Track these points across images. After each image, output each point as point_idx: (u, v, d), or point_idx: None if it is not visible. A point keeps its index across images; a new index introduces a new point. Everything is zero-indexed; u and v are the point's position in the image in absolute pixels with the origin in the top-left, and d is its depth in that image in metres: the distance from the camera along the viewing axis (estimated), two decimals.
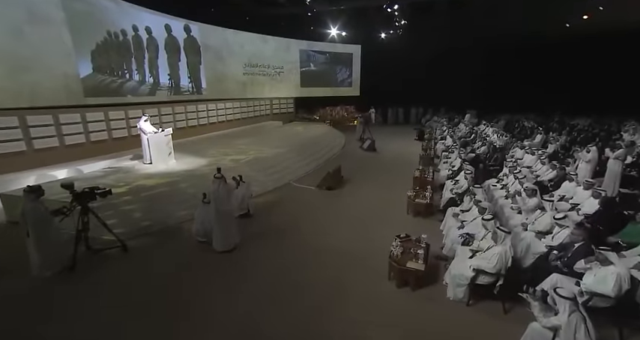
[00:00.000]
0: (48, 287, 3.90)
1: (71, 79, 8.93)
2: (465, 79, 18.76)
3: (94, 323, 3.36)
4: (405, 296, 3.81)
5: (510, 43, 17.42)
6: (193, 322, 3.40)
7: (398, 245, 4.11)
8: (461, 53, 18.58)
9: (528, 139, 11.61)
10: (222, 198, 4.49)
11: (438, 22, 17.10)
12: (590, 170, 6.76)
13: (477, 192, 5.07)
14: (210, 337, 3.21)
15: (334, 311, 3.57)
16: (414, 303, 3.70)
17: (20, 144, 7.28)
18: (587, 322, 2.58)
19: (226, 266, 4.45)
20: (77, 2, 9.11)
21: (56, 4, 8.54)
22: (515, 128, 14.03)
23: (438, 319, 3.47)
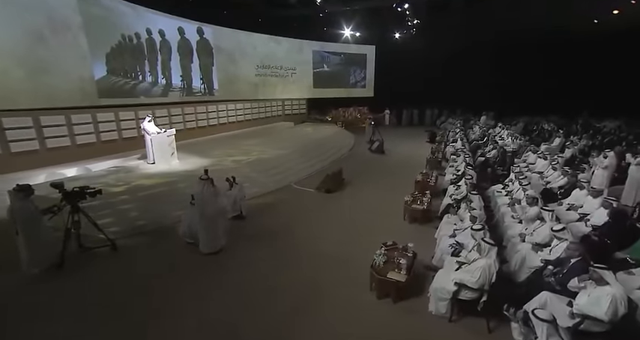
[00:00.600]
0: (35, 284, 4.00)
1: (86, 81, 9.28)
2: (483, 79, 18.07)
3: (75, 321, 3.41)
4: (385, 308, 3.63)
5: (532, 39, 16.50)
6: (164, 325, 3.38)
7: (382, 253, 3.94)
8: (479, 52, 17.93)
9: (546, 143, 10.99)
10: (206, 199, 4.48)
11: (455, 20, 16.58)
12: (608, 177, 6.26)
13: (474, 199, 4.79)
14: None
15: (311, 322, 3.45)
16: (393, 316, 3.52)
17: (34, 143, 7.62)
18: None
19: (209, 269, 4.44)
20: (94, 7, 9.45)
21: (74, 10, 8.89)
22: (532, 131, 13.32)
23: (417, 334, 3.29)
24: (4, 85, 7.36)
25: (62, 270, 4.25)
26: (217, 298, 3.81)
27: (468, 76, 18.14)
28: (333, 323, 3.42)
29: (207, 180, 4.54)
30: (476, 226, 3.64)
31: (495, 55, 17.76)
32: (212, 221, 4.57)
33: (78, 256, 4.53)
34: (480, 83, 18.21)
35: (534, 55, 16.99)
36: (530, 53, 17.04)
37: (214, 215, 4.58)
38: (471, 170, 6.46)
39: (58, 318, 3.49)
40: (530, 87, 17.26)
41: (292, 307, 3.66)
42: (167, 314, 3.55)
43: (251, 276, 4.27)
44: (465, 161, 7.15)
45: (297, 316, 3.53)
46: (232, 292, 3.94)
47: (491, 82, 17.99)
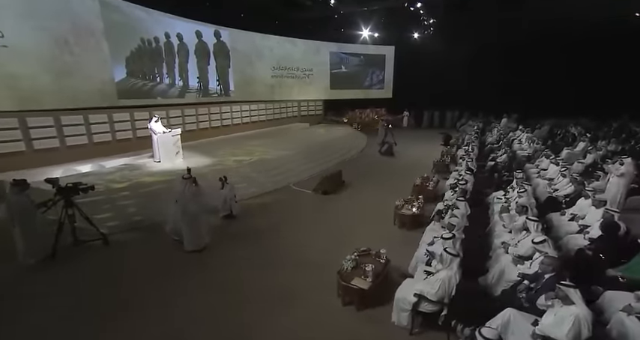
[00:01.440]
0: (30, 273, 4.33)
1: (106, 83, 9.85)
2: (508, 79, 17.16)
3: (67, 310, 3.64)
4: (348, 315, 3.56)
5: (562, 36, 15.36)
6: (131, 316, 3.52)
7: (351, 259, 3.86)
8: (504, 50, 17.04)
9: (569, 147, 10.26)
10: (188, 198, 4.61)
11: (479, 18, 15.92)
12: (624, 185, 5.72)
13: (460, 206, 4.57)
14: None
15: (274, 324, 3.46)
16: (355, 324, 3.44)
17: (55, 141, 8.22)
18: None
19: (188, 266, 4.57)
20: (115, 14, 10.03)
21: (97, 17, 9.47)
22: (556, 134, 12.47)
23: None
24: (31, 88, 7.98)
25: (56, 261, 4.55)
26: (187, 297, 3.91)
27: (491, 77, 17.31)
28: (295, 328, 3.40)
29: (189, 179, 4.68)
30: (446, 234, 3.46)
31: (522, 53, 16.80)
32: (194, 219, 4.70)
33: (72, 248, 4.82)
34: (504, 84, 17.33)
35: (565, 52, 15.86)
36: (561, 51, 15.94)
37: (196, 213, 4.71)
38: (469, 175, 6.16)
39: (51, 306, 3.73)
40: (560, 88, 16.15)
41: (260, 308, 3.69)
42: (135, 306, 3.70)
43: (229, 276, 4.35)
44: (466, 165, 6.83)
45: (262, 317, 3.55)
46: (207, 290, 4.03)
47: (517, 83, 17.06)
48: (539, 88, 16.49)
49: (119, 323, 3.46)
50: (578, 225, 4.57)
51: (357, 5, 15.36)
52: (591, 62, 15.47)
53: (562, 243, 4.46)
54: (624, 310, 2.88)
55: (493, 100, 17.69)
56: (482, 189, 6.87)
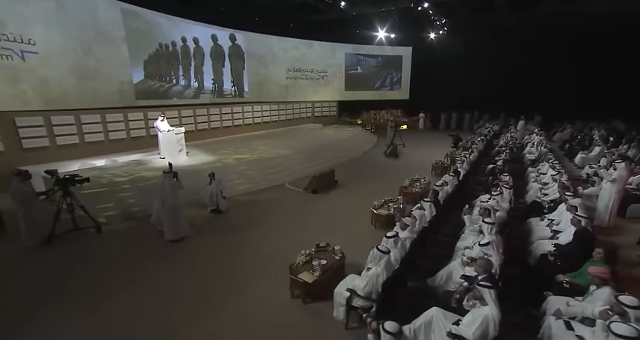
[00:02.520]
0: (30, 252, 4.92)
1: (125, 85, 10.65)
2: (532, 80, 16.36)
3: (38, 289, 4.12)
4: (294, 307, 3.72)
5: (592, 28, 14.27)
6: (93, 294, 3.92)
7: (306, 253, 4.00)
8: (527, 49, 16.25)
9: (584, 151, 9.70)
10: (167, 191, 4.97)
11: (500, 16, 15.33)
12: (617, 191, 5.37)
13: (425, 207, 4.55)
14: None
15: (222, 310, 3.69)
16: (297, 316, 3.59)
17: (75, 138, 9.03)
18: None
19: (164, 255, 4.93)
20: (135, 21, 10.81)
21: (119, 24, 10.28)
22: (574, 138, 11.76)
23: (309, 337, 3.29)
24: (58, 90, 8.83)
25: (53, 244, 5.09)
26: (154, 278, 4.25)
27: (514, 77, 16.59)
28: (240, 314, 3.62)
29: (169, 174, 5.03)
30: (390, 233, 3.51)
31: (547, 53, 15.94)
32: (173, 210, 5.06)
33: (70, 234, 5.35)
34: (528, 84, 16.54)
35: (593, 51, 14.81)
36: (588, 49, 14.90)
37: (175, 205, 5.06)
38: (450, 176, 6.07)
39: (42, 281, 4.24)
40: (590, 89, 15.09)
41: (213, 293, 3.97)
42: (105, 282, 4.15)
43: (197, 263, 4.67)
44: (454, 168, 6.70)
45: (212, 301, 3.81)
46: (172, 274, 4.37)
47: (541, 83, 16.21)
48: (565, 89, 15.54)
49: (90, 298, 3.86)
50: (550, 231, 4.40)
51: (369, 7, 15.31)
52: (625, 61, 14.35)
53: (532, 247, 4.33)
54: (554, 314, 2.81)
55: (516, 102, 16.91)
56: (473, 191, 6.71)
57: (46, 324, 3.43)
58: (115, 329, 3.37)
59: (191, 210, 6.67)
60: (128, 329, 3.37)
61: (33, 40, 8.21)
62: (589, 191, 6.06)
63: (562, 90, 15.62)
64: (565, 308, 2.85)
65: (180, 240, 5.27)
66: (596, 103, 14.89)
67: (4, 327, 3.39)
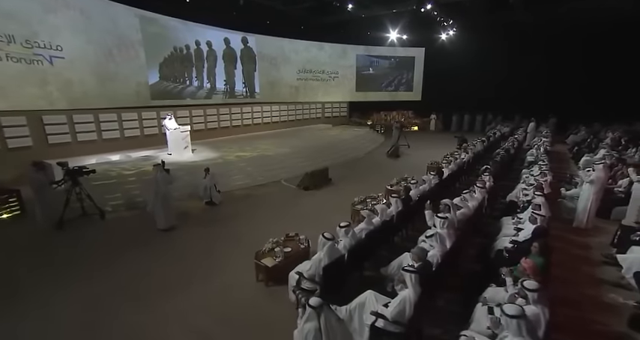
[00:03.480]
0: (43, 233, 5.60)
1: (142, 86, 11.46)
2: (548, 82, 15.88)
3: (46, 258, 4.75)
4: (257, 289, 4.09)
5: (614, 25, 13.60)
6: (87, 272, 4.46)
7: (272, 241, 4.36)
8: (543, 48, 15.80)
9: (589, 154, 9.47)
10: (159, 183, 5.50)
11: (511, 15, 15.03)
12: (595, 192, 5.33)
13: (392, 202, 4.78)
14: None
15: (194, 288, 4.13)
16: (258, 296, 3.95)
17: (93, 135, 9.87)
18: (323, 334, 2.52)
19: (153, 242, 5.43)
20: (152, 26, 11.61)
21: (137, 30, 11.09)
22: (584, 140, 11.41)
23: (263, 316, 3.61)
24: (81, 91, 9.69)
25: (63, 227, 5.75)
26: (143, 260, 4.77)
27: (529, 78, 16.18)
28: (207, 293, 4.03)
29: (159, 167, 5.56)
30: (343, 224, 3.81)
31: (563, 52, 15.41)
32: (164, 202, 5.57)
33: (78, 219, 6.02)
34: (543, 86, 16.08)
35: (615, 48, 14.18)
36: (610, 47, 14.29)
37: (166, 197, 5.58)
38: (431, 175, 6.24)
39: (49, 256, 4.89)
40: (610, 89, 14.48)
41: (189, 274, 4.42)
42: (97, 262, 4.72)
43: (179, 248, 5.15)
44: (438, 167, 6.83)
45: (188, 281, 4.26)
46: (157, 258, 4.86)
47: (557, 84, 15.69)
48: (584, 90, 14.97)
49: (86, 272, 4.44)
50: (514, 228, 4.52)
51: (378, 9, 15.47)
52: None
53: (495, 244, 4.46)
54: (480, 301, 3.01)
55: (531, 104, 16.45)
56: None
57: (48, 291, 4.02)
58: (100, 300, 3.88)
59: (189, 202, 7.24)
60: (109, 302, 3.85)
61: (60, 46, 9.07)
62: (571, 192, 6.02)
63: (580, 92, 15.05)
64: (491, 295, 3.04)
65: (171, 229, 5.78)
66: (617, 105, 14.26)
67: (20, 291, 4.00)
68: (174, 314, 3.64)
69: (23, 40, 8.26)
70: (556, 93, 15.81)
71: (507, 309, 2.25)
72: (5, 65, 7.98)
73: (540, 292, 2.51)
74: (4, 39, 7.88)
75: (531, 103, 16.39)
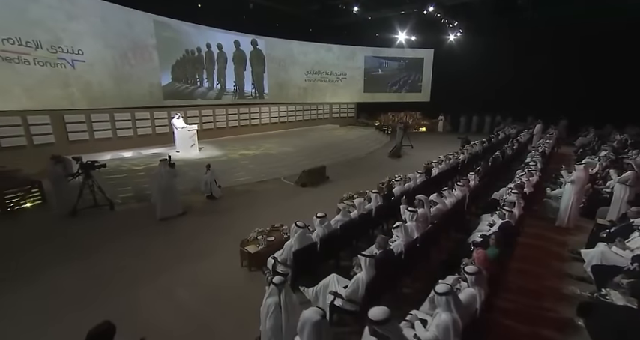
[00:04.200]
0: (59, 220, 6.22)
1: (155, 87, 12.14)
2: (558, 83, 15.61)
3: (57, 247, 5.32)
4: (241, 273, 4.48)
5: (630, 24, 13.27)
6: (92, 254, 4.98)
7: (257, 231, 4.75)
8: (554, 49, 15.55)
9: (591, 156, 9.42)
10: (163, 177, 6.00)
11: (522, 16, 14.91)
12: (575, 192, 5.43)
13: (372, 197, 5.08)
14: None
15: (186, 269, 4.57)
16: (241, 279, 4.34)
17: (109, 133, 10.58)
18: (282, 308, 2.85)
19: (153, 230, 5.93)
20: (165, 31, 12.29)
21: (151, 34, 11.77)
22: (590, 143, 11.27)
23: (244, 295, 3.99)
24: (99, 91, 10.41)
25: (76, 216, 6.35)
26: (144, 245, 5.26)
27: (539, 80, 15.96)
28: (198, 274, 4.47)
29: (165, 162, 6.06)
30: (320, 214, 4.15)
31: (574, 52, 15.13)
32: (167, 194, 6.07)
33: (90, 209, 6.60)
34: (553, 87, 15.82)
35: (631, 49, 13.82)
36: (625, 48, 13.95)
37: (170, 189, 6.07)
38: (418, 174, 6.48)
39: (62, 240, 5.46)
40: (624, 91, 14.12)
41: (181, 257, 4.86)
42: (103, 246, 5.23)
43: (176, 238, 5.61)
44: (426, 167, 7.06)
45: (179, 262, 4.71)
46: (157, 243, 5.33)
47: (567, 86, 15.40)
48: (597, 91, 14.66)
49: (87, 254, 4.97)
50: (487, 224, 4.72)
51: (385, 11, 15.67)
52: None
53: (469, 238, 4.68)
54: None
55: (542, 105, 16.21)
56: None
57: (57, 268, 4.56)
58: (98, 277, 4.37)
59: (192, 196, 7.73)
60: (106, 278, 4.33)
61: (82, 50, 9.80)
62: (555, 192, 6.11)
63: (592, 93, 14.74)
64: (445, 280, 3.30)
65: (170, 219, 6.28)
66: (631, 106, 13.89)
67: (35, 266, 4.55)
68: (164, 291, 4.08)
69: (49, 45, 9.00)
70: (567, 95, 15.51)
71: (437, 288, 2.53)
72: (33, 69, 8.73)
73: (478, 276, 2.76)
74: (32, 45, 8.64)
75: (542, 105, 16.17)
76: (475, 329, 2.67)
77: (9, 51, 8.12)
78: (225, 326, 3.47)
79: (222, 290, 4.12)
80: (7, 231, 5.81)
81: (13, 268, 4.53)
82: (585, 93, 14.90)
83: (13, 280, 4.28)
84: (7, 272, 4.45)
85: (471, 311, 2.67)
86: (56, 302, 3.87)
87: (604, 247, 3.92)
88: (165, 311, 3.73)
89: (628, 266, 3.44)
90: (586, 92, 14.87)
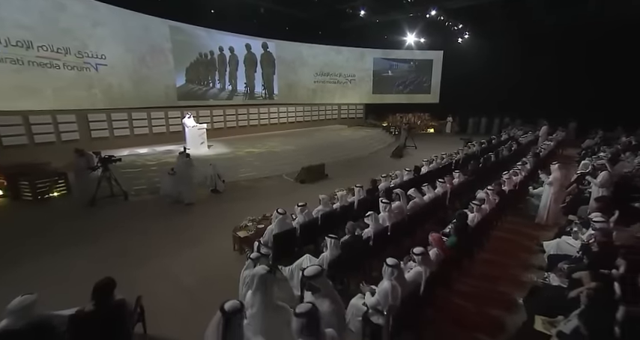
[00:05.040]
0: (79, 209, 6.98)
1: (170, 88, 12.97)
2: (569, 85, 15.44)
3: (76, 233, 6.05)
4: (233, 255, 5.02)
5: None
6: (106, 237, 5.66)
7: (249, 219, 5.28)
8: (564, 52, 15.40)
9: (590, 157, 9.48)
10: (181, 167, 6.75)
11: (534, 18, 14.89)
12: (553, 193, 5.67)
13: (355, 191, 5.52)
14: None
15: (185, 252, 5.15)
16: (233, 261, 4.86)
17: (126, 131, 11.44)
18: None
19: (160, 215, 6.63)
20: (180, 35, 13.09)
21: (167, 38, 12.61)
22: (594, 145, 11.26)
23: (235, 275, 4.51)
24: (119, 92, 11.28)
25: (95, 204, 7.10)
26: (141, 232, 5.93)
27: (550, 82, 15.84)
28: (195, 256, 5.04)
29: (182, 154, 6.77)
30: (301, 203, 4.64)
31: (584, 54, 14.95)
32: (187, 180, 6.87)
33: (107, 198, 7.35)
34: (563, 90, 15.66)
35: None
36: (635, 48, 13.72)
37: (188, 178, 6.90)
38: (406, 171, 6.87)
39: (80, 226, 6.19)
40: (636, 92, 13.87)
41: (178, 245, 5.43)
42: (115, 231, 5.88)
43: (178, 225, 6.23)
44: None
45: (174, 249, 5.28)
46: (157, 231, 5.96)
47: (578, 88, 15.23)
48: (607, 94, 14.45)
49: (97, 237, 5.65)
50: None
51: (393, 14, 15.95)
52: None
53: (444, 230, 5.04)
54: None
55: (552, 107, 16.06)
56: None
57: (71, 249, 5.24)
58: (105, 259, 4.98)
59: (198, 190, 8.36)
60: (111, 260, 4.92)
61: (104, 55, 10.68)
62: (537, 191, 6.32)
63: (603, 96, 14.53)
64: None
65: (178, 207, 6.94)
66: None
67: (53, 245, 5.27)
68: (165, 269, 4.67)
69: (76, 51, 9.90)
70: (577, 97, 15.33)
71: (388, 260, 2.96)
72: (62, 72, 9.64)
73: (423, 256, 3.17)
74: (62, 51, 9.55)
75: (551, 107, 16.01)
76: (417, 302, 3.08)
77: (43, 56, 9.04)
78: (212, 298, 3.98)
79: (214, 270, 4.66)
80: (36, 214, 6.65)
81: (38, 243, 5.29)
82: (595, 95, 14.72)
83: (38, 254, 5.00)
84: (36, 246, 5.21)
85: (416, 285, 3.08)
86: (73, 271, 4.53)
87: (560, 239, 4.21)
88: (165, 286, 4.28)
89: (576, 254, 3.73)
90: (596, 94, 14.69)
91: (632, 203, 5.28)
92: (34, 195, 7.25)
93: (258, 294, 2.33)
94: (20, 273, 4.47)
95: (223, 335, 1.90)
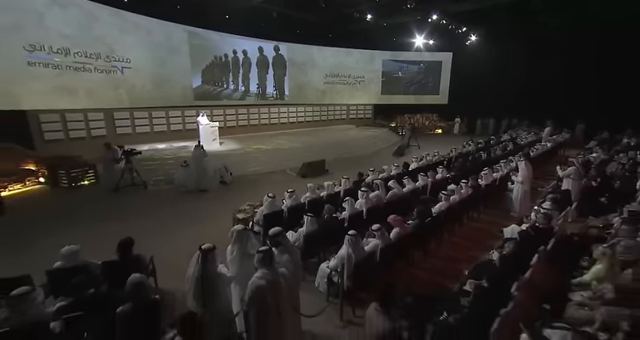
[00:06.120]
0: (104, 195, 8.01)
1: (187, 89, 14.01)
2: (578, 87, 15.44)
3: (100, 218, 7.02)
4: (226, 231, 5.66)
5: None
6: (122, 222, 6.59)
7: (248, 204, 6.07)
8: (573, 53, 15.41)
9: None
10: (196, 158, 7.78)
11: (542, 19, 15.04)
12: (523, 192, 6.16)
13: (342, 182, 6.21)
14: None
15: (188, 229, 5.99)
16: (226, 236, 5.58)
17: (147, 128, 12.54)
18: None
19: (170, 202, 7.53)
20: (196, 39, 14.10)
21: (185, 42, 13.65)
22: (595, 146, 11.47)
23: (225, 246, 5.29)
24: (140, 93, 12.37)
25: (118, 192, 8.11)
26: (153, 216, 6.84)
27: (559, 84, 15.89)
28: (195, 234, 5.85)
29: (198, 146, 7.70)
30: (290, 190, 5.38)
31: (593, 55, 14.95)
32: (198, 169, 7.88)
33: (129, 187, 8.35)
34: (572, 91, 15.66)
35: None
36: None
37: (202, 167, 7.90)
38: (394, 166, 7.48)
39: (106, 207, 7.19)
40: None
41: (182, 225, 6.32)
42: (132, 214, 6.80)
43: (186, 209, 7.15)
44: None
45: (177, 228, 6.13)
46: (167, 213, 6.87)
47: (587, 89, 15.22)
48: (612, 96, 14.43)
49: (126, 217, 6.57)
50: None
51: (400, 17, 16.45)
52: None
53: None
54: None
55: (561, 109, 16.09)
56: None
57: (101, 225, 6.19)
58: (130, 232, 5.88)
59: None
60: (134, 233, 5.76)
61: (129, 59, 11.79)
62: (513, 186, 6.79)
63: (611, 97, 14.50)
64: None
65: (190, 195, 7.85)
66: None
67: (86, 221, 6.23)
68: (171, 242, 5.53)
69: (105, 56, 11.03)
70: (586, 99, 15.31)
71: (350, 231, 3.65)
72: (93, 75, 10.77)
73: (379, 231, 3.84)
74: (94, 56, 10.69)
75: (559, 108, 16.04)
76: (373, 267, 3.75)
77: (78, 61, 10.19)
78: None
79: (213, 242, 5.41)
80: (71, 198, 7.80)
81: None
82: (603, 98, 14.70)
83: (72, 226, 5.99)
84: (71, 222, 6.23)
85: (372, 255, 3.75)
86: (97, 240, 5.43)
87: (516, 225, 4.74)
88: (172, 252, 5.08)
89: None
90: (604, 96, 14.67)
91: (598, 199, 5.70)
92: (69, 182, 8.37)
93: (237, 245, 3.08)
94: (59, 239, 5.38)
95: (202, 267, 2.66)
